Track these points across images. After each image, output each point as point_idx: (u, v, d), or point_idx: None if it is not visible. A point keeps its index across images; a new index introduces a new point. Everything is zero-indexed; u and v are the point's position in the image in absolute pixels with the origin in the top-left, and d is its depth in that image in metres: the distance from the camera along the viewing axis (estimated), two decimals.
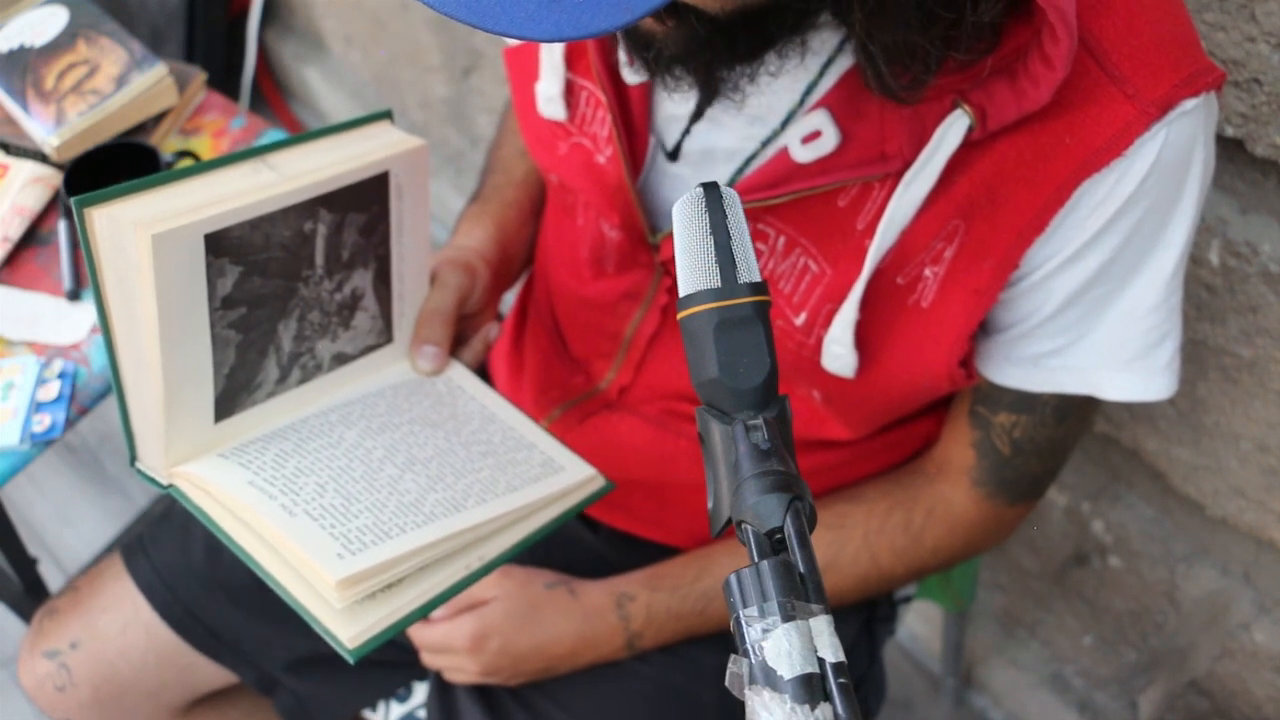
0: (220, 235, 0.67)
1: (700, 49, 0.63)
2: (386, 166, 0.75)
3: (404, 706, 1.05)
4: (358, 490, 0.72)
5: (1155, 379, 0.74)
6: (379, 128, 0.78)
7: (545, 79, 0.82)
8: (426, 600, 0.71)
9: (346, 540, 0.68)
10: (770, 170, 0.71)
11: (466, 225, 0.98)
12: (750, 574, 0.45)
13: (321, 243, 0.74)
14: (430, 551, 0.71)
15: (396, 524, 0.71)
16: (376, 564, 0.68)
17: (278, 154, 0.72)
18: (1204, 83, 0.63)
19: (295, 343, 0.76)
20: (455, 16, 0.47)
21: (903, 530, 0.86)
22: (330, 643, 0.67)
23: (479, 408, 0.84)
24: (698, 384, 0.52)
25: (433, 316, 0.84)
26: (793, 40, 0.64)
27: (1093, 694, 1.43)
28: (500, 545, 0.76)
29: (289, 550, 0.68)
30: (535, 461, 0.81)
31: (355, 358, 0.82)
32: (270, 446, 0.74)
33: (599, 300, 0.89)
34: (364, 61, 2.11)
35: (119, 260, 0.64)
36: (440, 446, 0.78)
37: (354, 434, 0.77)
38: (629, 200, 0.80)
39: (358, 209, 0.75)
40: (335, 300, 0.78)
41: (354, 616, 0.68)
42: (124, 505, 1.82)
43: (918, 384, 0.76)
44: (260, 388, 0.75)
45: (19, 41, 1.21)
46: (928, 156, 0.65)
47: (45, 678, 0.99)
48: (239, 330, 0.71)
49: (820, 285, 0.74)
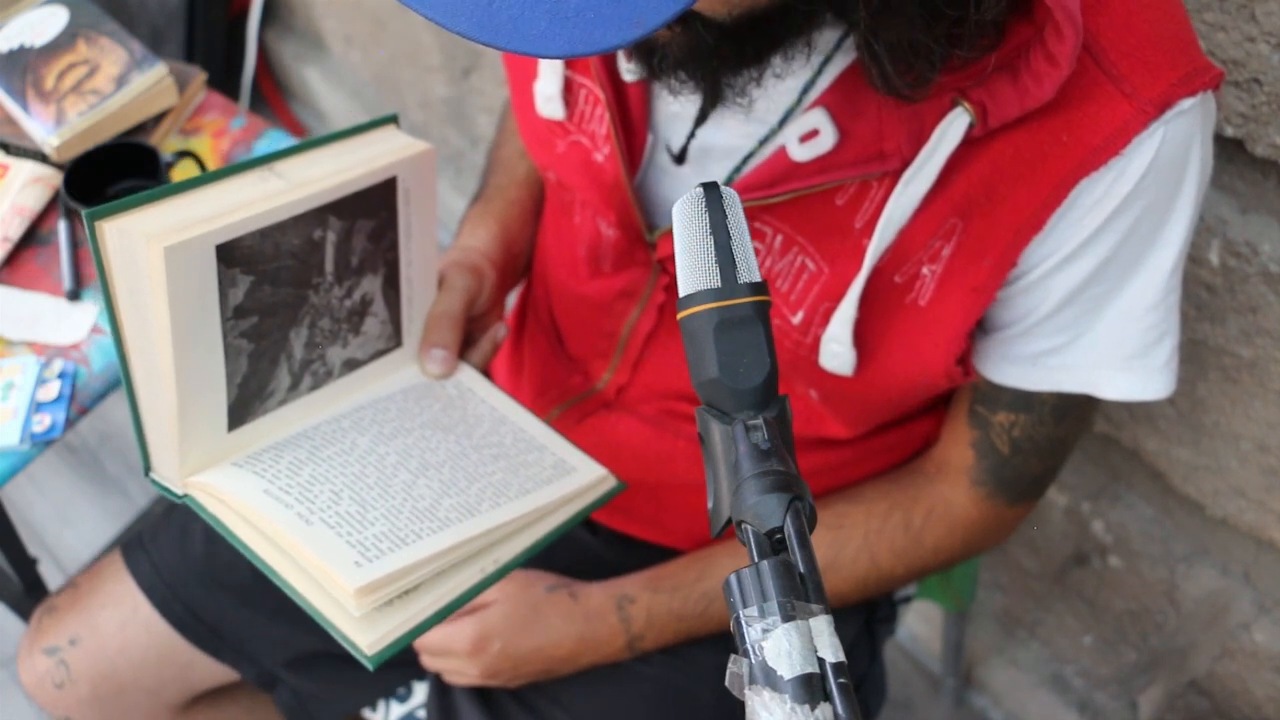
0: (231, 245, 0.67)
1: (707, 56, 0.63)
2: (394, 172, 0.75)
3: (404, 706, 1.05)
4: (372, 497, 0.72)
5: (1153, 378, 0.74)
6: (385, 132, 0.77)
7: (544, 78, 0.82)
8: (443, 605, 0.71)
9: (363, 548, 0.69)
10: (768, 169, 0.71)
11: (470, 226, 0.98)
12: (750, 574, 0.45)
13: (331, 249, 0.74)
14: (446, 557, 0.71)
15: (412, 530, 0.71)
16: (394, 571, 0.68)
17: (285, 161, 0.72)
18: (1201, 82, 0.63)
19: (307, 350, 0.76)
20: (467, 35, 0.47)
21: (902, 530, 0.86)
22: (350, 650, 0.67)
23: (489, 410, 0.84)
24: (698, 384, 0.52)
25: (441, 320, 0.84)
26: (798, 42, 0.64)
27: (1093, 694, 1.43)
28: (515, 548, 0.76)
29: (306, 559, 0.68)
30: (547, 463, 0.81)
31: (365, 363, 0.82)
32: (284, 454, 0.74)
33: (596, 299, 0.89)
34: (364, 61, 2.11)
35: (130, 272, 0.64)
36: (452, 450, 0.78)
37: (366, 440, 0.77)
38: (626, 198, 0.80)
39: (366, 215, 0.75)
40: (345, 306, 0.78)
41: (372, 623, 0.68)
42: (124, 505, 1.82)
43: (915, 382, 0.76)
44: (273, 395, 0.75)
45: (19, 41, 1.21)
46: (927, 155, 0.65)
47: (45, 674, 0.99)
48: (251, 339, 0.71)
49: (818, 284, 0.74)
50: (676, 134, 0.78)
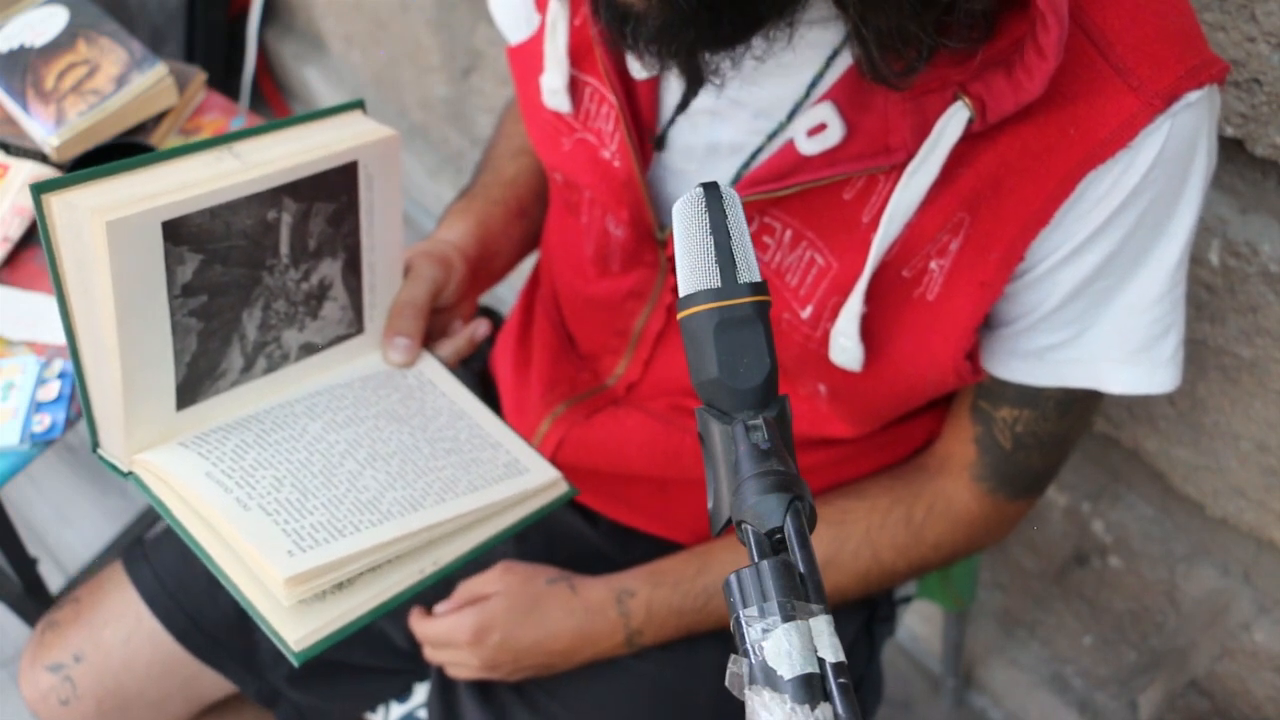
0: (178, 223, 0.66)
1: (684, 26, 0.62)
2: (355, 156, 0.74)
3: (404, 706, 1.06)
4: (315, 485, 0.72)
5: (1159, 371, 0.74)
6: (350, 117, 0.77)
7: (550, 72, 0.82)
8: (378, 603, 0.71)
9: (299, 537, 0.68)
10: (776, 163, 0.71)
11: (450, 220, 0.98)
12: (750, 574, 0.45)
13: (286, 231, 0.73)
14: (383, 551, 0.71)
15: (351, 522, 0.70)
16: (326, 562, 0.67)
17: (243, 142, 0.71)
18: (1208, 75, 0.64)
19: (260, 332, 0.75)
20: None
21: (904, 526, 0.86)
22: (276, 644, 0.67)
23: (448, 404, 0.83)
24: (698, 384, 0.52)
25: (405, 308, 0.84)
26: (780, 24, 0.64)
27: (1093, 694, 1.43)
28: (455, 550, 0.75)
29: (240, 545, 0.67)
30: (499, 461, 0.80)
31: (324, 348, 0.81)
32: (231, 437, 0.73)
33: (604, 299, 0.89)
34: (364, 61, 2.11)
35: (76, 246, 0.64)
36: (404, 442, 0.78)
37: (318, 426, 0.76)
38: (639, 196, 0.80)
39: (324, 198, 0.74)
40: (302, 289, 0.77)
41: (302, 617, 0.67)
42: (124, 505, 1.82)
43: (924, 377, 0.76)
44: (224, 376, 0.75)
45: (19, 41, 1.21)
46: (929, 148, 0.66)
47: (49, 691, 0.98)
48: (200, 318, 0.71)
49: (826, 278, 0.74)
50: (683, 131, 0.78)
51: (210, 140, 0.70)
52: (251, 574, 0.67)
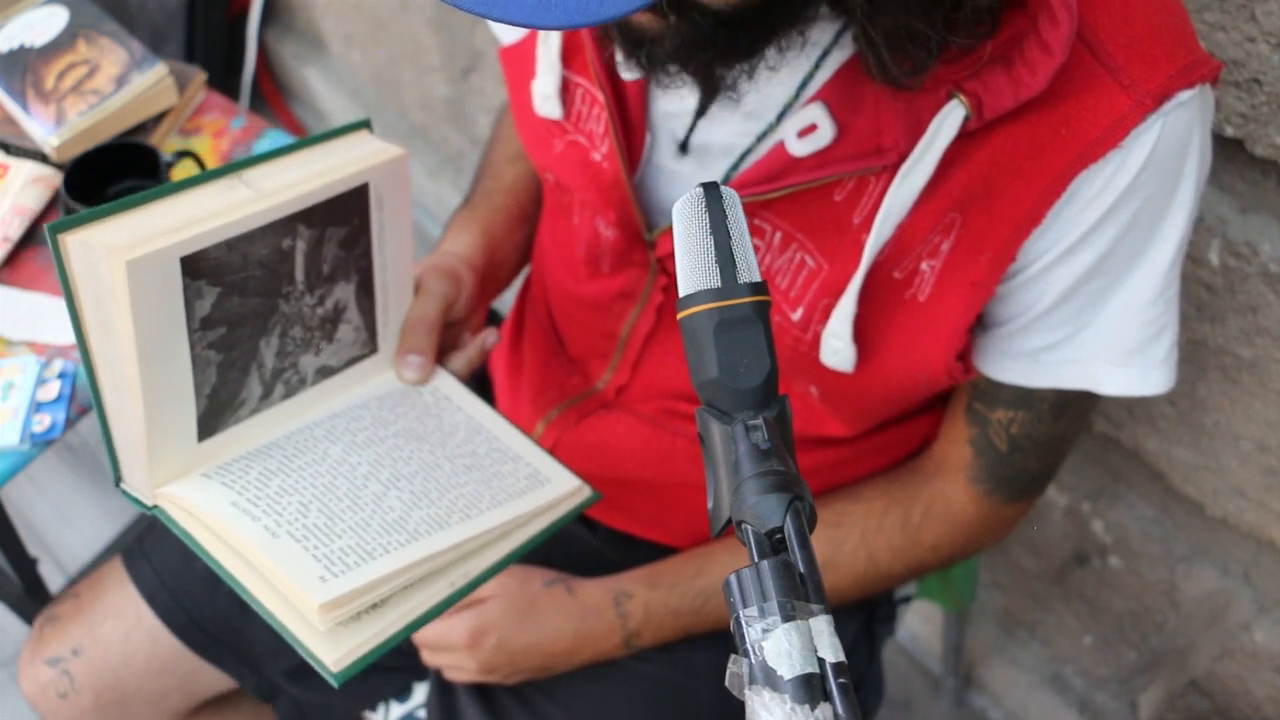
0: (196, 257, 0.65)
1: (702, 46, 0.63)
2: (365, 178, 0.74)
3: (404, 706, 1.05)
4: (341, 509, 0.71)
5: (1152, 373, 0.74)
6: (357, 138, 0.76)
7: (542, 77, 0.82)
8: (411, 620, 0.71)
9: (330, 562, 0.68)
10: (766, 165, 0.71)
11: (454, 231, 0.98)
12: (750, 574, 0.45)
13: (301, 258, 0.73)
14: (414, 571, 0.71)
15: (380, 544, 0.70)
16: (359, 586, 0.67)
17: (253, 170, 0.70)
18: (1200, 74, 0.64)
19: (278, 359, 0.75)
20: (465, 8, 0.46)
21: (900, 528, 0.86)
22: (315, 666, 0.67)
23: (465, 418, 0.83)
24: (698, 384, 0.52)
25: (417, 325, 0.83)
26: (792, 33, 0.64)
27: (1093, 694, 1.43)
28: (485, 562, 0.75)
29: (272, 573, 0.67)
30: (521, 474, 0.80)
31: (340, 370, 0.81)
32: (254, 465, 0.73)
33: (594, 300, 0.89)
34: (364, 61, 2.11)
35: (94, 285, 0.63)
36: (425, 460, 0.78)
37: (339, 449, 0.76)
38: (625, 196, 0.80)
39: (337, 222, 0.74)
40: (317, 314, 0.77)
41: (338, 639, 0.67)
42: (124, 505, 1.82)
43: (916, 378, 0.76)
44: (244, 405, 0.75)
45: (19, 41, 1.21)
46: (924, 148, 0.65)
47: (47, 684, 0.98)
48: (219, 350, 0.71)
49: (817, 280, 0.74)
50: (675, 131, 0.78)
51: (220, 170, 0.69)
52: (285, 601, 0.67)
